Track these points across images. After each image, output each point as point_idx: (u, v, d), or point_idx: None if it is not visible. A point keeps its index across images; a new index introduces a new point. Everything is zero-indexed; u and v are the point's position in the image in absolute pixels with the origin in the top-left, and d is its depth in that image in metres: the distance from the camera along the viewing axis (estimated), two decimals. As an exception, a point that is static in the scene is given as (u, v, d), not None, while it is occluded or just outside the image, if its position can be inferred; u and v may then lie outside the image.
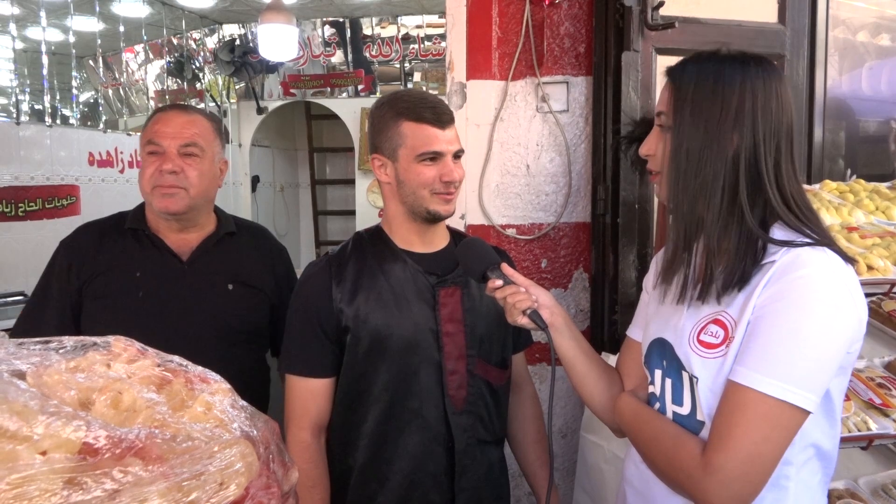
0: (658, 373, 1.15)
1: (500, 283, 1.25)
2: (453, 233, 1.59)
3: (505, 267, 1.28)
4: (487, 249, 1.31)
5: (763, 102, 1.03)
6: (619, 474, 1.83)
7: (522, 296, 1.23)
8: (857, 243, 1.59)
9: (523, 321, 1.23)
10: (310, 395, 1.46)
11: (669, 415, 1.11)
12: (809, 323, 0.95)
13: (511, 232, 2.22)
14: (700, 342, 1.05)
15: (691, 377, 1.05)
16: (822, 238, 1.03)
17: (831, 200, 1.78)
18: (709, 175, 1.04)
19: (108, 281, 1.64)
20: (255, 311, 1.75)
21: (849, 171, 2.76)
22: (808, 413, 0.95)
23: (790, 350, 0.94)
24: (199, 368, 0.76)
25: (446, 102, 1.68)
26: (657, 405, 1.15)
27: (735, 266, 1.02)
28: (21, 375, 0.70)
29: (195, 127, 1.66)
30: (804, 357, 0.94)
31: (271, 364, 1.84)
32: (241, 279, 1.73)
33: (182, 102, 5.98)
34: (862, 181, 1.95)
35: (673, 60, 2.03)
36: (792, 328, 0.95)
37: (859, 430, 1.49)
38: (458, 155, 1.46)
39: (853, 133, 2.93)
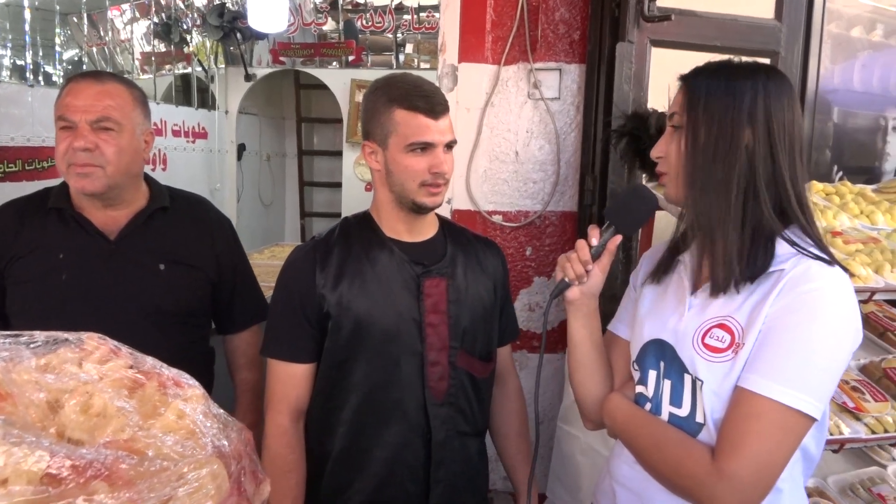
0: (653, 374, 1.15)
1: (597, 240, 1.20)
2: (443, 221, 1.58)
3: (616, 239, 1.21)
4: (644, 211, 1.23)
5: (774, 102, 1.05)
6: (594, 466, 1.85)
7: (578, 266, 1.20)
8: (841, 248, 1.59)
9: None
10: (290, 379, 1.46)
11: (665, 416, 1.12)
12: (821, 335, 0.98)
13: (497, 218, 2.20)
14: (705, 346, 1.06)
15: (695, 380, 1.06)
16: (824, 247, 1.05)
17: (817, 203, 1.78)
18: (722, 170, 1.05)
19: (29, 264, 1.55)
20: (190, 292, 1.65)
21: (835, 168, 2.76)
22: (814, 420, 0.98)
23: (803, 360, 0.97)
24: (174, 371, 0.75)
25: (438, 86, 1.65)
26: (648, 406, 1.15)
27: (748, 260, 1.04)
28: (-11, 371, 0.68)
29: (109, 98, 1.52)
30: (816, 367, 0.97)
31: (216, 344, 1.79)
32: (174, 258, 1.62)
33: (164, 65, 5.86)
34: (848, 183, 1.95)
35: (668, 53, 2.03)
36: (805, 339, 0.97)
37: (831, 434, 1.50)
38: (449, 146, 1.44)
39: (841, 125, 2.93)
